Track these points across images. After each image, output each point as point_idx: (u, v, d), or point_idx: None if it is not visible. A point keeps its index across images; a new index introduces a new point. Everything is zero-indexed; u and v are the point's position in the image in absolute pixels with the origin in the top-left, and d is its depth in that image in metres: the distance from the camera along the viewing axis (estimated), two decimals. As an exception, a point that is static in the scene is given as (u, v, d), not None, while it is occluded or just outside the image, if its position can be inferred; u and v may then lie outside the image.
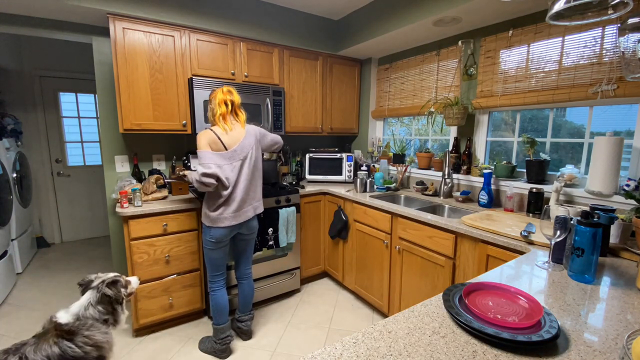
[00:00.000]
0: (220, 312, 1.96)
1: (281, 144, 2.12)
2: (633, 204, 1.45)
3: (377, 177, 2.74)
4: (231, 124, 1.84)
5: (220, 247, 1.89)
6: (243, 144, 1.84)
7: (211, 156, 1.75)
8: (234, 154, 1.81)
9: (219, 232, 1.83)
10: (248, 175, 1.86)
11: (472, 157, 2.38)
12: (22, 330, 2.24)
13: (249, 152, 1.86)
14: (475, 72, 2.29)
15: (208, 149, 1.76)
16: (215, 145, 1.77)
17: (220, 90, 1.85)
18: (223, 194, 1.80)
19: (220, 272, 1.97)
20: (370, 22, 2.61)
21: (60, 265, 3.36)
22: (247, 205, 1.90)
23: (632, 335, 0.71)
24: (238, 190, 1.84)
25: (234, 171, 1.81)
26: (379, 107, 3.21)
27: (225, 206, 1.82)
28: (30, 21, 2.14)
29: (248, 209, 1.90)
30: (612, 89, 1.60)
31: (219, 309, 1.96)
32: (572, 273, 1.08)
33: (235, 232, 1.90)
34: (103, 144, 2.43)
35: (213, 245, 1.87)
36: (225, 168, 1.78)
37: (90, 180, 4.12)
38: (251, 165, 1.87)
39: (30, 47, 3.62)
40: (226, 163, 1.79)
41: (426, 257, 1.95)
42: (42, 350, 1.12)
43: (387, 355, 0.69)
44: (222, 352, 1.96)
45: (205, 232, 1.86)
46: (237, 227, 1.89)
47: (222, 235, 1.84)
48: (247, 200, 1.89)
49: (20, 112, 3.61)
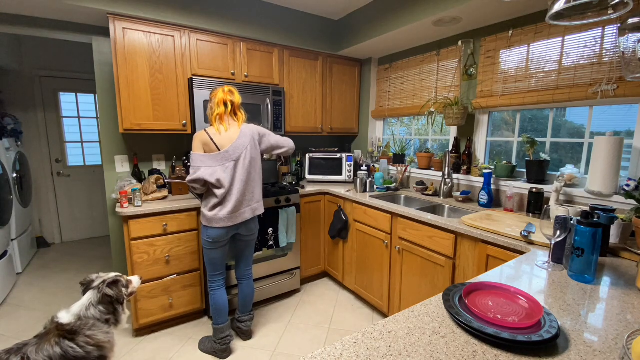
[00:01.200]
0: (220, 312, 1.95)
1: (288, 148, 2.02)
2: (633, 204, 1.45)
3: (377, 177, 2.74)
4: (227, 124, 1.83)
5: (218, 247, 1.88)
6: (236, 145, 1.81)
7: (201, 158, 1.76)
8: (226, 154, 1.79)
9: (215, 232, 1.82)
10: (243, 176, 1.83)
11: (472, 157, 2.38)
12: (22, 330, 2.24)
13: (242, 152, 1.82)
14: (475, 72, 2.29)
15: (200, 150, 1.78)
16: (207, 146, 1.78)
17: (221, 89, 1.85)
18: (217, 194, 1.78)
19: (219, 272, 1.96)
20: (370, 22, 2.61)
21: (60, 265, 3.36)
22: (245, 206, 1.87)
23: (632, 335, 0.71)
24: (234, 192, 1.81)
25: (227, 172, 1.79)
26: (379, 107, 3.21)
27: (220, 207, 1.80)
28: (30, 21, 2.14)
29: (245, 211, 1.88)
30: (612, 89, 1.60)
31: (219, 309, 1.95)
32: (572, 273, 1.08)
33: (233, 232, 1.89)
34: (103, 144, 2.43)
35: (210, 245, 1.87)
36: (217, 169, 1.77)
37: (90, 180, 4.12)
38: (246, 165, 1.84)
39: (30, 47, 3.62)
40: (218, 164, 1.77)
41: (426, 257, 1.95)
42: (43, 351, 1.12)
43: (387, 355, 0.69)
44: (222, 352, 1.96)
45: (203, 231, 1.86)
46: (235, 228, 1.88)
47: (218, 235, 1.83)
48: (244, 202, 1.87)
49: (20, 112, 3.61)
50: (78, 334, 1.20)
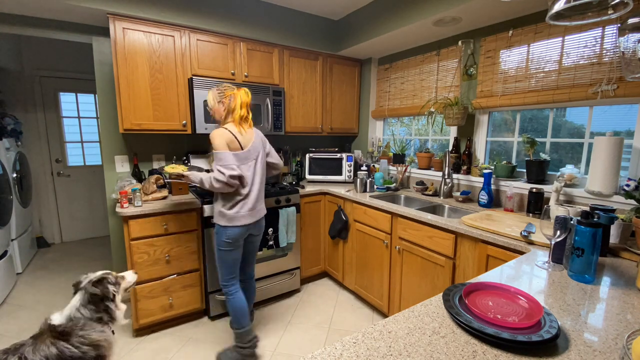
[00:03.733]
0: (243, 315, 1.89)
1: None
2: (633, 204, 1.45)
3: (377, 177, 2.74)
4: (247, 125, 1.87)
5: (237, 247, 1.87)
6: (255, 144, 1.88)
7: (231, 157, 1.75)
8: (249, 153, 1.84)
9: (235, 231, 1.82)
10: (260, 174, 1.91)
11: (472, 157, 2.38)
12: (22, 330, 2.24)
13: (259, 152, 1.91)
14: (475, 72, 2.29)
15: (226, 148, 1.74)
16: (232, 144, 1.77)
17: (243, 91, 1.83)
18: (242, 192, 1.81)
19: (235, 275, 1.92)
20: (370, 22, 2.61)
21: (61, 265, 3.36)
22: (260, 204, 1.94)
23: (632, 335, 0.71)
24: (254, 189, 1.87)
25: (250, 170, 1.85)
26: (379, 107, 3.21)
27: (242, 203, 1.82)
28: (30, 21, 2.14)
29: (261, 208, 1.95)
30: (612, 89, 1.60)
31: (241, 312, 1.88)
32: (572, 273, 1.08)
33: (249, 232, 1.90)
34: (103, 144, 2.43)
35: (229, 246, 1.84)
36: (242, 167, 1.80)
37: (90, 180, 4.12)
38: (263, 164, 1.93)
39: (30, 47, 3.62)
40: (243, 163, 1.81)
41: (426, 257, 1.95)
42: (40, 351, 1.12)
43: (387, 355, 0.69)
44: (251, 357, 1.91)
45: (221, 232, 1.82)
46: (252, 227, 1.90)
47: (238, 234, 1.83)
48: (259, 199, 1.93)
49: (20, 112, 3.61)
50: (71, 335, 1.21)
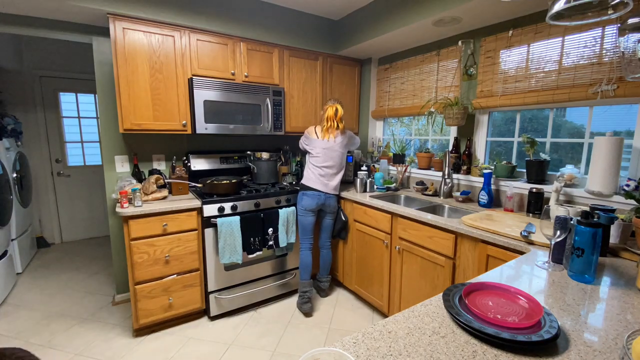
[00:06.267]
0: (304, 269, 2.46)
1: (357, 145, 2.64)
2: (633, 204, 1.45)
3: (377, 177, 2.74)
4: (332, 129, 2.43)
5: (309, 215, 2.42)
6: (336, 140, 2.42)
7: (314, 140, 2.44)
8: (327, 144, 2.42)
9: (308, 200, 2.38)
10: (334, 163, 2.44)
11: (472, 157, 2.38)
12: (22, 330, 2.24)
13: (338, 150, 2.43)
14: (475, 72, 2.29)
15: (313, 135, 2.46)
16: (311, 134, 2.48)
17: (330, 107, 2.44)
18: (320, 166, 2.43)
19: (307, 237, 2.47)
20: (370, 22, 2.61)
21: (61, 265, 3.36)
22: (329, 182, 2.44)
23: (632, 335, 0.71)
24: (327, 170, 2.42)
25: (326, 155, 2.43)
26: (379, 107, 3.21)
27: (317, 175, 2.43)
28: (30, 21, 2.14)
29: (330, 184, 2.44)
30: (612, 89, 1.60)
31: (303, 267, 2.46)
32: (572, 273, 1.08)
33: (320, 206, 2.43)
34: (103, 144, 2.43)
35: (303, 213, 2.42)
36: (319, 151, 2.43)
37: (90, 180, 4.12)
38: (336, 157, 2.45)
39: (30, 47, 3.62)
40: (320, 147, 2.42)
41: (426, 257, 1.95)
42: None
43: (387, 355, 0.69)
44: (302, 305, 2.43)
45: (299, 200, 2.44)
46: (322, 201, 2.41)
47: (310, 204, 2.39)
48: (329, 181, 2.44)
49: (20, 112, 3.61)
50: None
